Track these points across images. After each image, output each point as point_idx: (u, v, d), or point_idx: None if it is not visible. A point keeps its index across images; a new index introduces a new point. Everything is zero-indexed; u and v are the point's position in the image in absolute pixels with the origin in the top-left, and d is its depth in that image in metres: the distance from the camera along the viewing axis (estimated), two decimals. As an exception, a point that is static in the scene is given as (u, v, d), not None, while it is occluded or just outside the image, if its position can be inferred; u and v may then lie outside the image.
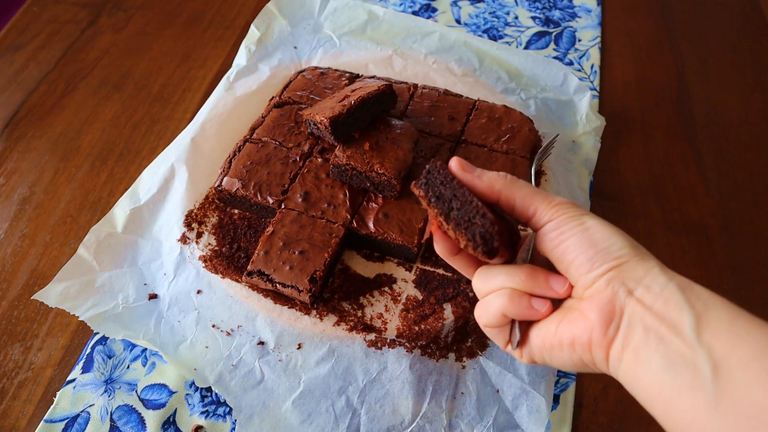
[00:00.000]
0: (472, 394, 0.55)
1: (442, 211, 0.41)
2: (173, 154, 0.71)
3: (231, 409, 0.54)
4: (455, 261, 0.44)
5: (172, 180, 0.69)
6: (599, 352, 0.35)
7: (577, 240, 0.37)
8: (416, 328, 0.58)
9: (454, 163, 0.41)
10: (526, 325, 0.41)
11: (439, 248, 0.43)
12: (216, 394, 0.56)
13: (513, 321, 0.40)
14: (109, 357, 0.58)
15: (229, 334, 0.57)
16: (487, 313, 0.40)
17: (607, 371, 0.36)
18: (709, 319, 0.31)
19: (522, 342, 0.40)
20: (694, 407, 0.30)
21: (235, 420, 0.53)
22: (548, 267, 0.41)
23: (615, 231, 0.37)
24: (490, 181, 0.40)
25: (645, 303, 0.33)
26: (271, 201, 0.64)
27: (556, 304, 0.39)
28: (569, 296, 0.39)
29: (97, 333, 0.59)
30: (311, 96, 0.75)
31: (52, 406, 0.55)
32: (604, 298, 0.35)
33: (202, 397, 0.56)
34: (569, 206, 0.39)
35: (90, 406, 0.55)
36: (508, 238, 0.40)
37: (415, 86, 0.76)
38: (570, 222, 0.38)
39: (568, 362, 0.38)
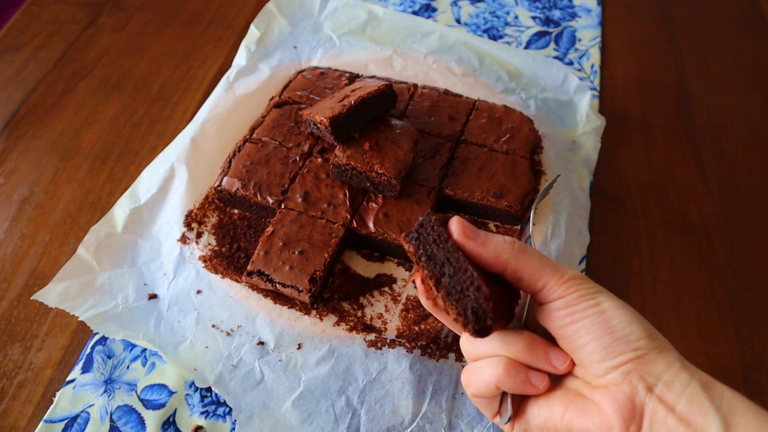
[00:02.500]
0: (472, 395, 0.55)
1: (432, 275, 0.37)
2: (173, 154, 0.71)
3: (231, 409, 0.54)
4: (440, 314, 0.41)
5: (171, 180, 0.69)
6: None
7: (591, 324, 0.34)
8: (416, 328, 0.58)
9: (456, 227, 0.37)
10: (519, 398, 0.38)
11: (423, 300, 0.40)
12: (216, 394, 0.56)
13: (505, 393, 0.38)
14: (109, 357, 0.58)
15: (229, 334, 0.57)
16: (476, 382, 0.38)
17: None
18: (737, 425, 0.30)
19: (515, 416, 0.38)
20: None
21: (235, 420, 0.53)
22: (544, 334, 0.38)
23: (633, 316, 0.34)
24: (497, 251, 0.36)
25: (667, 402, 0.32)
26: (270, 201, 0.64)
27: (554, 380, 0.37)
28: (570, 374, 0.37)
29: (96, 333, 0.59)
30: (311, 96, 0.75)
31: (51, 406, 0.55)
32: (623, 393, 0.33)
33: (202, 398, 0.56)
34: (582, 282, 0.36)
35: (90, 406, 0.55)
36: (505, 308, 0.36)
37: (415, 86, 0.76)
38: (583, 302, 0.35)
39: None
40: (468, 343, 0.39)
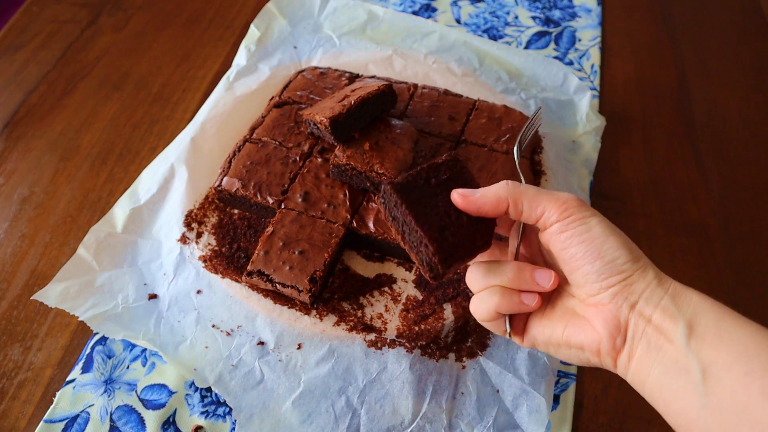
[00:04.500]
0: (472, 394, 0.55)
1: (398, 232, 0.44)
2: (173, 154, 0.71)
3: (231, 409, 0.54)
4: None
5: (171, 180, 0.69)
6: (608, 360, 0.39)
7: (584, 249, 0.38)
8: (416, 328, 0.58)
9: (457, 198, 0.42)
10: (525, 317, 0.44)
11: None
12: (216, 394, 0.56)
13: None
14: (109, 357, 0.58)
15: (228, 334, 0.57)
16: (480, 309, 0.43)
17: (615, 372, 0.39)
18: (698, 325, 0.35)
19: (521, 331, 0.44)
20: (688, 407, 0.34)
21: (235, 420, 0.53)
22: (537, 260, 0.44)
23: (619, 240, 0.38)
24: (496, 194, 0.41)
25: (645, 315, 0.37)
26: (271, 201, 0.64)
27: (554, 301, 0.43)
28: (569, 294, 0.42)
29: (96, 333, 0.59)
30: (311, 96, 0.75)
31: (51, 406, 0.55)
32: (610, 312, 0.38)
33: (202, 398, 0.56)
34: (576, 206, 0.40)
35: (90, 406, 0.55)
36: (464, 251, 0.42)
37: (415, 86, 0.76)
38: (576, 226, 0.39)
39: (575, 359, 0.41)
40: (471, 278, 0.44)
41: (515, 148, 0.54)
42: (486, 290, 0.42)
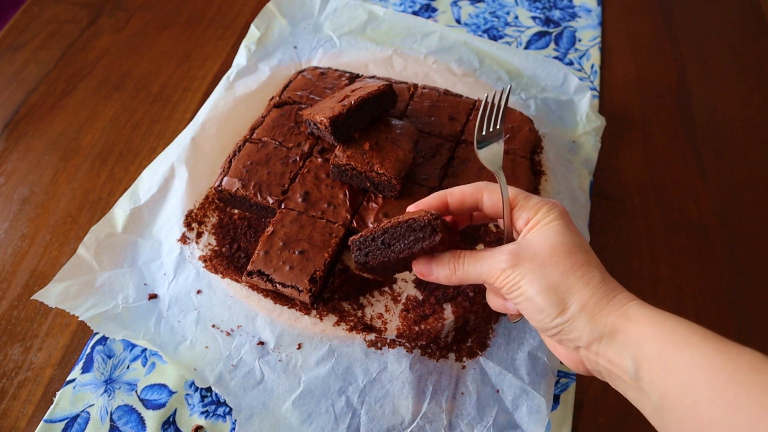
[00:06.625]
0: (472, 394, 0.55)
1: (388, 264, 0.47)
2: (173, 154, 0.71)
3: (231, 409, 0.54)
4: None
5: (172, 180, 0.69)
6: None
7: (521, 308, 0.42)
8: (416, 328, 0.58)
9: (416, 272, 0.47)
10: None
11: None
12: (216, 394, 0.56)
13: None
14: (109, 357, 0.58)
15: (229, 334, 0.57)
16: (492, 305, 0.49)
17: None
18: (643, 358, 0.36)
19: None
20: (654, 422, 0.38)
21: (235, 420, 0.53)
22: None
23: (545, 299, 0.40)
24: (447, 278, 0.45)
25: (593, 352, 0.39)
26: (271, 201, 0.64)
27: None
28: None
29: (97, 333, 0.59)
30: (311, 96, 0.75)
31: (52, 406, 0.55)
32: (564, 350, 0.42)
33: (202, 397, 0.56)
34: (509, 269, 0.41)
35: (90, 406, 0.55)
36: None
37: (415, 86, 0.76)
38: (511, 293, 0.42)
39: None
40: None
41: (475, 139, 0.51)
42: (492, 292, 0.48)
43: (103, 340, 0.59)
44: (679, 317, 0.38)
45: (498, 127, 0.51)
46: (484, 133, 0.51)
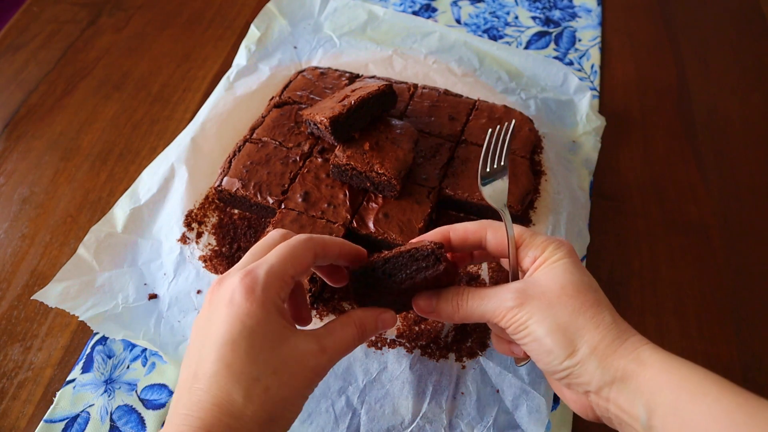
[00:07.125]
0: (472, 394, 0.55)
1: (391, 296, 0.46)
2: (173, 154, 0.71)
3: (231, 409, 0.54)
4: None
5: (172, 180, 0.69)
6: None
7: (528, 349, 0.41)
8: (416, 328, 0.58)
9: (417, 309, 0.47)
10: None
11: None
12: (216, 394, 0.55)
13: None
14: (109, 357, 0.58)
15: (229, 334, 0.57)
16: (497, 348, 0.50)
17: None
18: (656, 406, 0.35)
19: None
20: None
21: (235, 420, 0.52)
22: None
23: (554, 339, 0.39)
24: (449, 317, 0.45)
25: (603, 397, 0.38)
26: (271, 201, 0.64)
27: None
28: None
29: (97, 333, 0.59)
30: (311, 96, 0.75)
31: (52, 406, 0.55)
32: (572, 395, 0.42)
33: (202, 397, 0.55)
34: (516, 310, 0.40)
35: (90, 406, 0.55)
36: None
37: (415, 86, 0.76)
38: (517, 333, 0.41)
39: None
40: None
41: (479, 176, 0.50)
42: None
43: (103, 340, 0.59)
44: (694, 364, 0.36)
45: (502, 163, 0.50)
46: (488, 170, 0.50)
